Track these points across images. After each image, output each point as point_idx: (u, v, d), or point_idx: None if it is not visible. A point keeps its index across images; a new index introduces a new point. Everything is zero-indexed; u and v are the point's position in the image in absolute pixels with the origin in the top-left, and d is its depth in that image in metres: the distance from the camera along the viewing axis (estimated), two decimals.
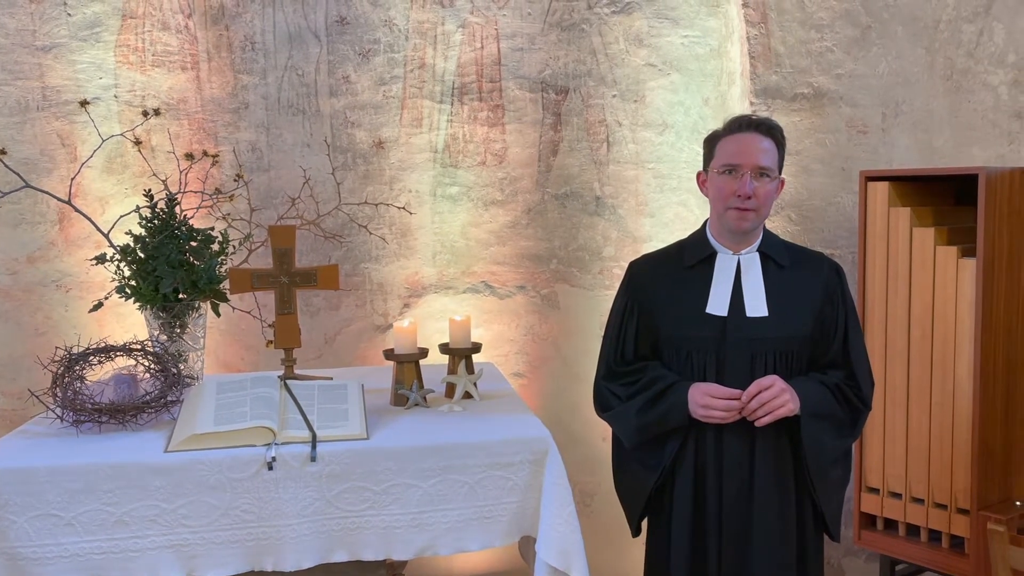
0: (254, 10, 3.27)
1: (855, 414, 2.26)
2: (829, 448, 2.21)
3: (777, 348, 2.20)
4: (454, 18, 3.40)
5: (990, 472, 2.67)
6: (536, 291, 3.58)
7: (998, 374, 2.67)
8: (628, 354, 2.33)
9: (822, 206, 3.36)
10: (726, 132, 2.22)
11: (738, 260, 2.25)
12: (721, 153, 2.21)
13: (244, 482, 2.18)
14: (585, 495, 3.59)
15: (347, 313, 3.42)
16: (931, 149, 3.29)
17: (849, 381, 2.25)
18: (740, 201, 2.16)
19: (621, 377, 2.32)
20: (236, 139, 3.31)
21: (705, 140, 2.29)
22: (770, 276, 2.24)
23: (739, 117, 2.23)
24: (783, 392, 2.12)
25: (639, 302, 2.32)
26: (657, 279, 2.31)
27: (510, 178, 3.51)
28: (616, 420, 2.33)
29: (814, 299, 2.25)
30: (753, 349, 2.19)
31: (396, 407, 2.61)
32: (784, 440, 2.21)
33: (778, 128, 2.22)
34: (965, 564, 2.67)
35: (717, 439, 2.21)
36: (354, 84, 3.36)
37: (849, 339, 2.27)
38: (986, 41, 3.24)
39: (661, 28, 3.49)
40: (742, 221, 2.19)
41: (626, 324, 2.33)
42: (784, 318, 2.21)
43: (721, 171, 2.19)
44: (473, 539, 2.30)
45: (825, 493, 2.24)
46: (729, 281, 2.23)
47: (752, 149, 2.16)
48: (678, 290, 2.27)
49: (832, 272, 2.29)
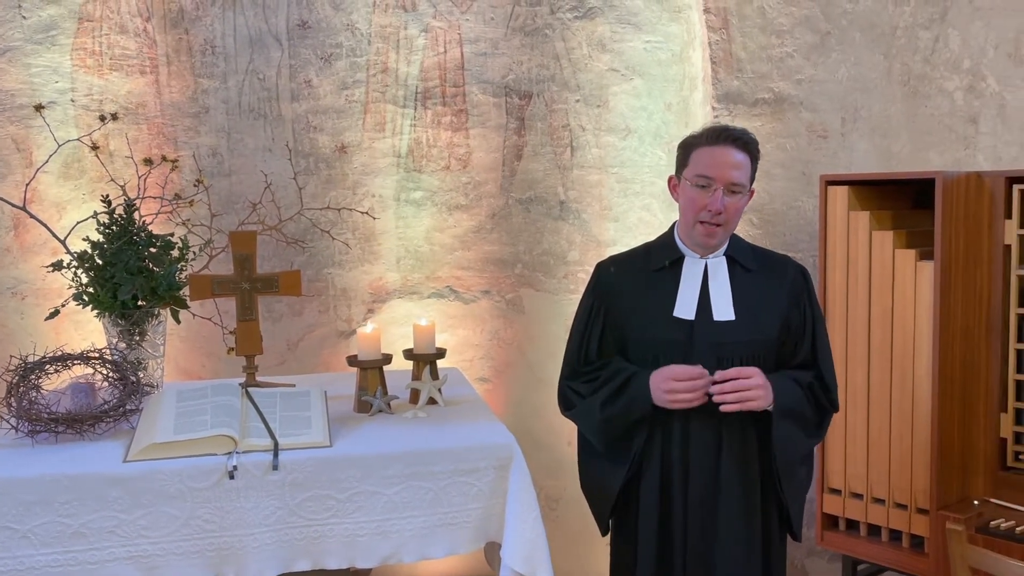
0: (214, 14, 3.24)
1: (822, 415, 2.28)
2: (798, 446, 2.23)
3: (744, 352, 2.21)
4: (417, 22, 3.39)
5: (948, 472, 2.70)
6: (501, 296, 3.58)
7: (955, 375, 2.71)
8: (592, 355, 2.33)
9: (783, 210, 3.39)
10: (702, 142, 2.20)
11: (705, 264, 2.26)
12: (695, 163, 2.19)
13: (205, 491, 2.15)
14: (550, 499, 3.59)
15: (310, 319, 3.40)
16: (889, 154, 3.34)
17: (818, 382, 2.27)
18: (710, 216, 2.16)
19: (584, 376, 2.33)
20: (196, 144, 3.27)
21: (680, 145, 2.28)
22: (737, 280, 2.25)
23: (716, 128, 2.21)
24: (760, 386, 2.12)
25: (605, 304, 2.32)
26: (624, 281, 2.31)
27: (474, 183, 3.50)
28: (580, 417, 2.32)
29: (781, 302, 2.26)
30: (720, 353, 2.19)
31: (360, 414, 2.59)
32: (751, 436, 2.22)
33: (754, 142, 2.21)
34: (925, 563, 2.70)
35: (684, 435, 2.21)
36: (316, 88, 3.34)
37: (817, 341, 2.28)
38: (942, 47, 3.29)
39: (624, 33, 3.50)
40: (710, 238, 2.20)
41: (591, 325, 2.33)
42: (751, 322, 2.22)
43: (694, 183, 2.19)
44: (438, 546, 2.29)
45: (791, 491, 2.25)
46: (696, 285, 2.24)
47: (726, 164, 2.16)
48: (645, 293, 2.27)
49: (798, 275, 2.31)
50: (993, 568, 2.23)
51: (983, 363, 2.76)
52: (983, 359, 2.76)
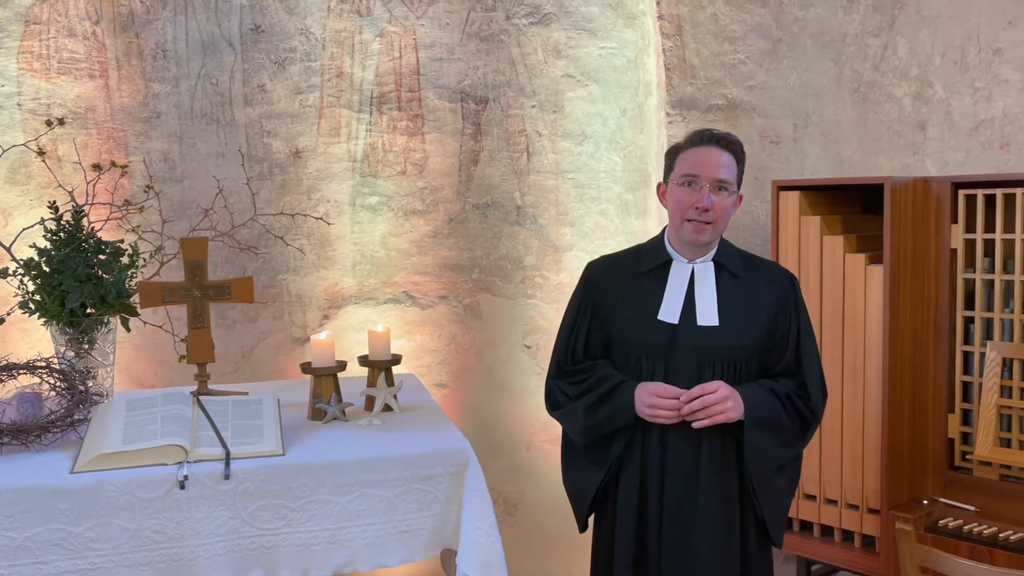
0: (165, 17, 3.20)
1: (803, 424, 2.27)
2: (772, 456, 2.23)
3: (725, 357, 2.21)
4: (372, 27, 3.38)
5: (898, 473, 2.75)
6: (458, 301, 3.57)
7: (905, 377, 2.75)
8: (579, 354, 2.34)
9: (737, 215, 3.41)
10: (687, 145, 2.24)
11: (692, 268, 2.27)
12: (681, 164, 2.22)
13: (155, 502, 2.11)
14: (509, 505, 3.59)
15: (264, 326, 3.36)
16: (840, 159, 3.39)
17: (800, 391, 2.27)
18: (698, 214, 2.17)
19: (570, 376, 2.33)
20: (148, 149, 3.23)
21: (666, 153, 2.31)
22: (724, 285, 2.26)
23: (701, 131, 2.25)
24: (726, 399, 2.13)
25: (593, 303, 2.32)
26: (612, 281, 2.32)
27: (431, 188, 3.50)
28: (565, 419, 2.33)
29: (767, 309, 2.27)
30: (701, 357, 2.20)
31: (314, 421, 2.56)
32: (730, 445, 2.22)
33: (738, 143, 2.24)
34: (876, 563, 2.74)
35: (662, 440, 2.21)
36: (270, 93, 3.31)
37: (802, 349, 2.28)
38: (890, 55, 3.35)
39: (579, 39, 3.52)
40: (699, 235, 2.21)
41: (579, 324, 2.34)
42: (735, 328, 2.23)
43: (680, 182, 2.20)
44: (393, 554, 2.27)
45: (767, 500, 2.24)
46: (682, 289, 2.25)
47: (712, 162, 2.18)
48: (632, 294, 2.28)
49: (787, 283, 2.31)
50: (941, 566, 2.26)
51: (931, 365, 2.82)
52: (931, 361, 2.82)
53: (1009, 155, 3.31)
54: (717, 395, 2.13)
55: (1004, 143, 3.32)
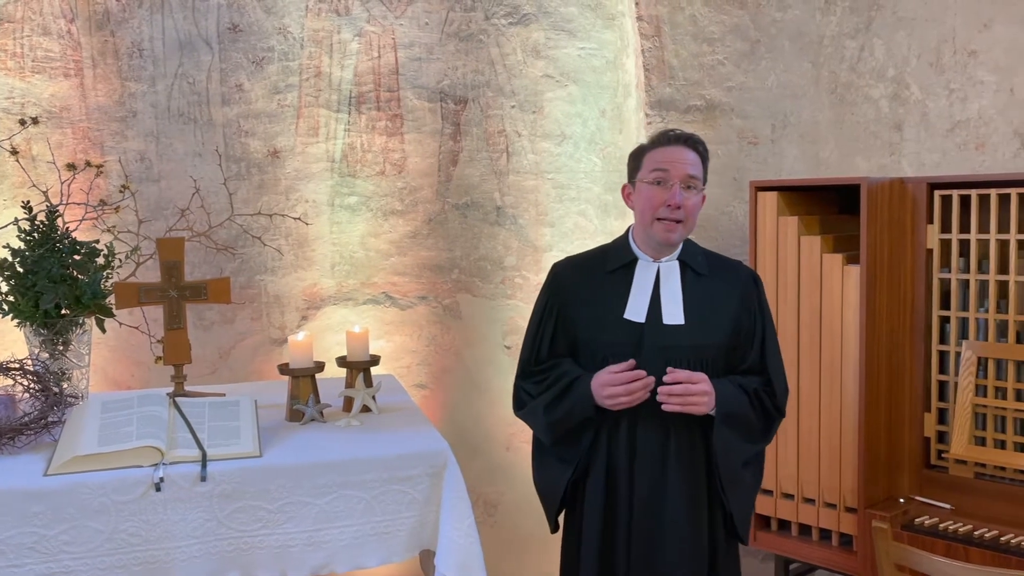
0: (141, 16, 3.17)
1: (768, 421, 2.30)
2: (739, 452, 2.25)
3: (692, 356, 2.22)
4: (350, 27, 3.37)
5: (875, 471, 2.76)
6: (438, 301, 3.57)
7: (881, 377, 2.77)
8: (543, 354, 2.34)
9: (716, 215, 3.44)
10: (653, 145, 2.26)
11: (658, 268, 2.28)
12: (649, 163, 2.23)
13: (130, 504, 2.10)
14: (488, 505, 3.59)
15: (242, 327, 3.34)
16: (818, 160, 3.41)
17: (766, 388, 2.29)
18: (669, 211, 2.18)
19: (534, 376, 2.34)
20: (124, 148, 3.20)
21: (631, 155, 2.32)
22: (689, 284, 2.27)
23: (665, 131, 2.26)
24: (705, 393, 2.15)
25: (559, 303, 2.33)
26: (578, 281, 2.33)
27: (410, 188, 3.49)
28: (529, 418, 2.34)
29: (732, 308, 2.28)
30: (668, 356, 2.21)
31: (292, 423, 2.55)
32: (698, 438, 2.23)
33: (702, 143, 2.27)
34: (853, 561, 2.76)
35: (630, 436, 2.22)
36: (247, 92, 3.29)
37: (766, 347, 2.31)
38: (867, 56, 3.37)
39: (558, 40, 3.52)
40: (670, 234, 2.22)
41: (544, 324, 2.34)
42: (700, 326, 2.24)
43: (650, 180, 2.21)
44: (371, 555, 2.26)
45: (734, 495, 2.26)
46: (648, 288, 2.26)
47: (681, 160, 2.20)
48: (598, 294, 2.29)
49: (750, 281, 2.33)
50: (916, 564, 2.28)
51: (907, 364, 2.84)
52: (907, 361, 2.84)
53: (984, 156, 3.34)
54: (699, 387, 2.14)
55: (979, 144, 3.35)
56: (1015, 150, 3.33)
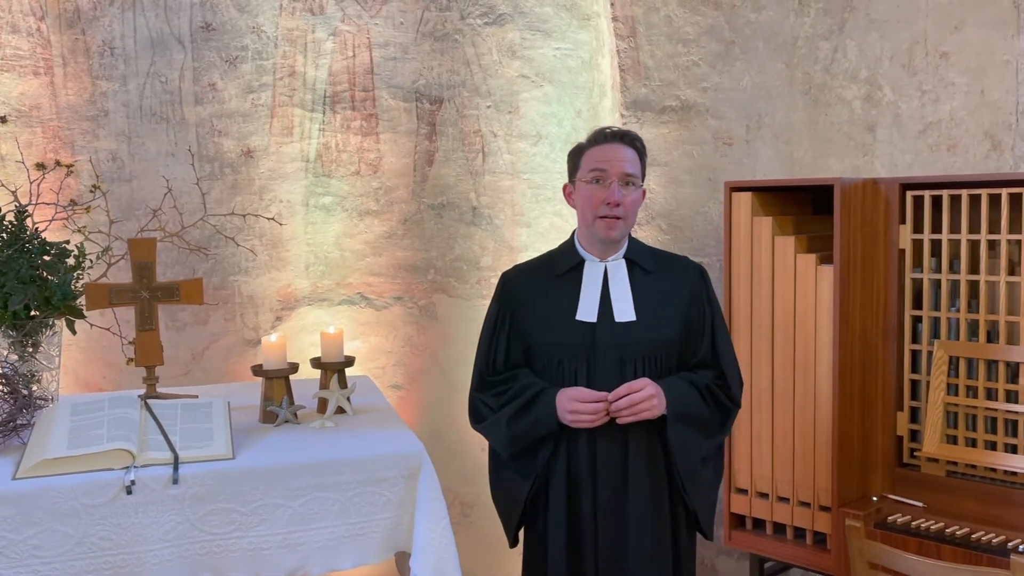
0: (112, 14, 3.14)
1: (724, 413, 2.32)
2: (696, 448, 2.26)
3: (645, 352, 2.24)
4: (325, 26, 3.35)
5: (849, 470, 2.78)
6: (414, 302, 3.55)
7: (855, 376, 2.79)
8: (499, 364, 2.34)
9: (691, 215, 3.45)
10: (590, 144, 2.28)
11: (605, 267, 2.29)
12: (588, 162, 2.26)
13: (101, 508, 2.07)
14: (465, 506, 3.58)
15: (216, 328, 3.32)
16: (792, 160, 3.43)
17: (719, 381, 2.31)
18: (609, 209, 2.21)
19: (492, 387, 2.33)
20: (95, 148, 3.16)
21: (569, 154, 2.34)
22: (637, 281, 2.29)
23: (601, 129, 2.29)
24: (652, 396, 2.16)
25: (511, 311, 2.33)
26: (529, 288, 2.34)
27: (385, 188, 3.47)
28: (489, 431, 2.33)
29: (680, 302, 2.31)
30: (622, 353, 2.23)
31: (265, 424, 2.53)
32: (656, 442, 2.25)
33: (639, 139, 2.29)
34: (828, 559, 2.78)
35: (590, 444, 2.23)
36: (221, 92, 3.26)
37: (717, 339, 2.33)
38: (840, 58, 3.40)
39: (533, 40, 3.52)
40: (611, 230, 2.24)
41: (498, 334, 2.34)
42: (652, 322, 2.26)
43: (589, 180, 2.23)
44: (346, 557, 2.25)
45: (696, 492, 2.29)
46: (597, 288, 2.27)
47: (618, 158, 2.23)
48: (549, 299, 2.30)
49: (696, 274, 2.36)
50: (889, 562, 2.30)
51: (880, 364, 2.86)
52: (880, 360, 2.85)
53: (955, 157, 3.37)
54: (643, 393, 2.15)
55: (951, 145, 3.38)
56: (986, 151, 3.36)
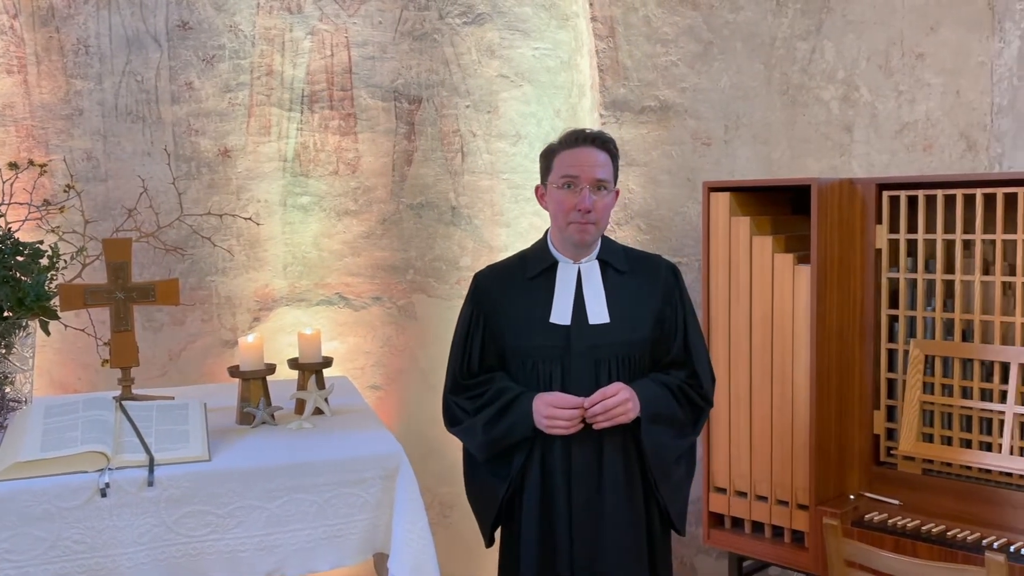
0: (87, 12, 3.11)
1: (697, 412, 2.33)
2: (670, 448, 2.27)
3: (620, 353, 2.25)
4: (303, 25, 3.33)
5: (826, 469, 2.80)
6: (392, 302, 3.54)
7: (832, 375, 2.80)
8: (474, 366, 2.33)
9: (669, 215, 3.46)
10: (562, 147, 2.25)
11: (578, 269, 2.29)
12: (559, 166, 2.23)
13: (74, 511, 2.05)
14: (445, 506, 3.57)
15: (193, 328, 3.29)
16: (770, 160, 3.44)
17: (691, 380, 2.31)
18: (580, 215, 2.20)
19: (468, 390, 2.32)
20: (69, 147, 3.13)
21: (541, 155, 2.31)
22: (610, 282, 2.29)
23: (574, 131, 2.27)
24: (626, 400, 2.16)
25: (484, 313, 2.32)
26: (501, 290, 2.33)
27: (363, 188, 3.46)
28: (465, 435, 2.32)
29: (653, 301, 2.31)
30: (597, 355, 2.23)
31: (242, 426, 2.52)
32: (631, 444, 2.25)
33: (612, 141, 2.27)
34: (805, 558, 2.79)
35: (565, 447, 2.23)
36: (198, 91, 3.24)
37: (689, 338, 2.33)
38: (818, 58, 3.41)
39: (512, 40, 3.52)
40: (584, 235, 2.24)
41: (472, 336, 2.33)
42: (626, 323, 2.26)
43: (560, 185, 2.22)
44: (323, 559, 2.24)
45: (669, 491, 2.29)
46: (571, 290, 2.27)
47: (589, 162, 2.21)
48: (522, 301, 2.29)
49: (669, 273, 2.36)
50: (866, 560, 2.31)
51: (857, 363, 2.87)
52: (857, 359, 2.87)
53: (931, 157, 3.40)
54: (617, 398, 2.15)
55: (927, 145, 3.41)
56: (962, 151, 3.39)
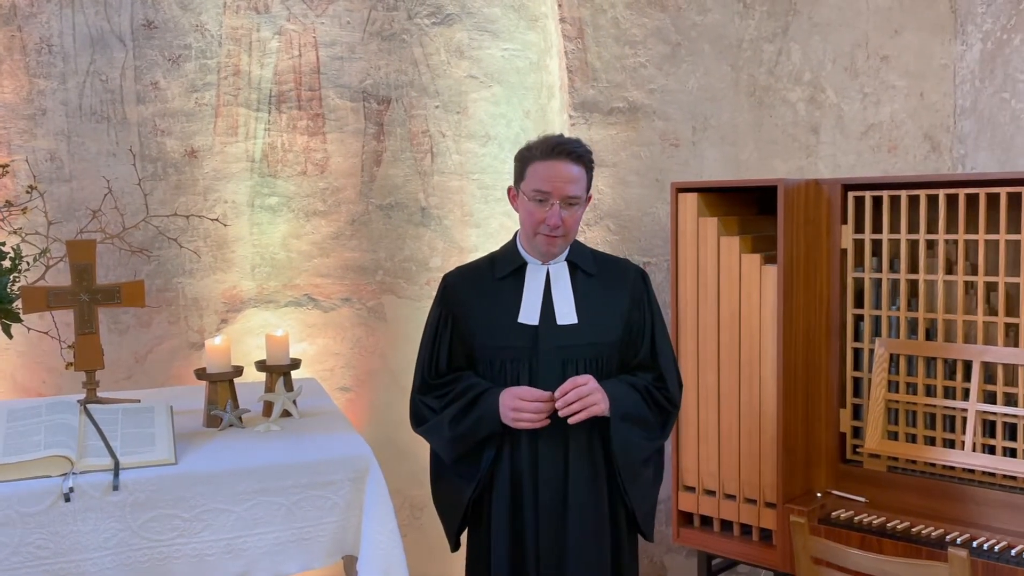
0: (51, 10, 3.07)
1: (664, 415, 2.33)
2: (638, 449, 2.28)
3: (587, 354, 2.25)
4: (270, 25, 3.31)
5: (793, 467, 2.82)
6: (362, 303, 3.53)
7: (798, 374, 2.83)
8: (442, 366, 2.33)
9: (638, 216, 3.47)
10: (538, 156, 2.21)
11: (547, 270, 2.29)
12: (532, 178, 2.20)
13: (38, 516, 2.03)
14: (415, 508, 3.56)
15: (159, 330, 3.26)
16: (738, 161, 3.47)
17: (658, 383, 2.32)
18: (548, 230, 2.20)
19: (435, 389, 2.32)
20: (32, 148, 3.09)
21: (516, 157, 2.29)
22: (579, 284, 2.30)
23: (551, 142, 2.22)
24: (596, 391, 2.17)
25: (453, 314, 2.32)
26: (470, 291, 2.33)
27: (332, 188, 3.44)
28: (431, 434, 2.32)
29: (622, 304, 2.32)
30: (564, 356, 2.23)
31: (209, 429, 2.50)
32: (597, 444, 2.26)
33: (588, 154, 2.24)
34: (773, 555, 2.81)
35: (532, 447, 2.23)
36: (164, 91, 3.21)
37: (656, 342, 2.34)
38: (784, 60, 3.45)
39: (482, 40, 3.51)
40: (551, 247, 2.25)
41: (440, 336, 2.33)
42: (594, 325, 2.27)
43: (532, 197, 2.21)
44: (292, 561, 2.23)
45: (637, 493, 2.30)
46: (539, 291, 2.27)
47: (562, 178, 2.18)
48: (491, 301, 2.29)
49: (638, 277, 2.37)
50: (832, 557, 2.34)
51: (823, 362, 2.90)
52: (823, 358, 2.90)
53: (896, 158, 3.44)
54: (589, 386, 2.16)
55: (892, 146, 3.45)
56: (925, 152, 3.44)
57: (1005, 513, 2.56)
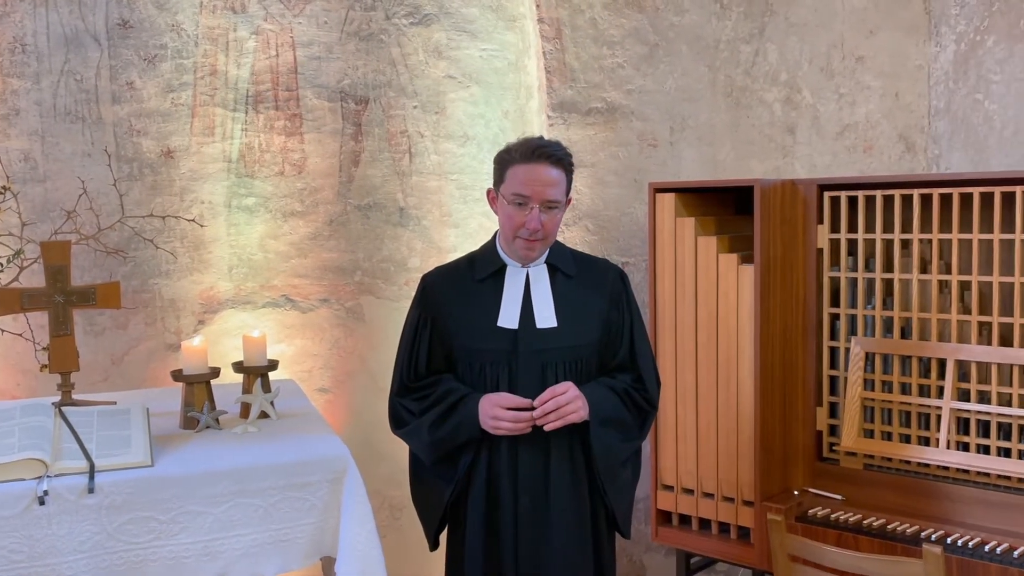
0: (24, 10, 3.04)
1: (643, 416, 2.34)
2: (618, 451, 2.28)
3: (567, 357, 2.25)
4: (247, 24, 3.29)
5: (771, 465, 2.84)
6: (340, 304, 3.52)
7: (776, 373, 2.85)
8: (421, 368, 2.32)
9: (617, 216, 3.48)
10: (518, 159, 2.19)
11: (527, 273, 2.29)
12: (512, 181, 2.19)
13: (12, 520, 2.01)
14: (394, 509, 3.56)
15: (136, 332, 3.24)
16: (715, 162, 3.49)
17: (637, 384, 2.33)
18: (528, 233, 2.19)
19: (414, 392, 2.31)
20: (6, 148, 3.06)
21: (496, 159, 2.27)
22: (558, 286, 2.29)
23: (531, 144, 2.20)
24: (576, 399, 2.17)
25: (432, 316, 2.31)
26: (450, 292, 2.32)
27: (310, 188, 3.43)
28: (410, 436, 2.31)
29: (601, 306, 2.32)
30: (544, 359, 2.23)
31: (186, 431, 2.48)
32: (577, 446, 2.26)
33: (568, 157, 2.23)
34: (751, 553, 2.83)
35: (511, 450, 2.23)
36: (139, 91, 3.18)
37: (635, 343, 2.35)
38: (761, 61, 3.47)
39: (460, 41, 3.51)
40: (530, 251, 2.24)
41: (419, 338, 2.32)
42: (573, 327, 2.27)
43: (511, 201, 2.20)
44: (269, 563, 2.22)
45: (616, 494, 2.31)
46: (519, 294, 2.27)
47: (542, 182, 2.17)
48: (470, 303, 2.28)
49: (617, 278, 2.37)
50: (809, 555, 2.35)
51: (800, 361, 2.92)
52: (800, 357, 2.92)
53: (872, 158, 3.47)
54: (568, 395, 2.16)
55: (868, 146, 3.48)
56: (900, 152, 3.47)
57: (979, 509, 2.59)
